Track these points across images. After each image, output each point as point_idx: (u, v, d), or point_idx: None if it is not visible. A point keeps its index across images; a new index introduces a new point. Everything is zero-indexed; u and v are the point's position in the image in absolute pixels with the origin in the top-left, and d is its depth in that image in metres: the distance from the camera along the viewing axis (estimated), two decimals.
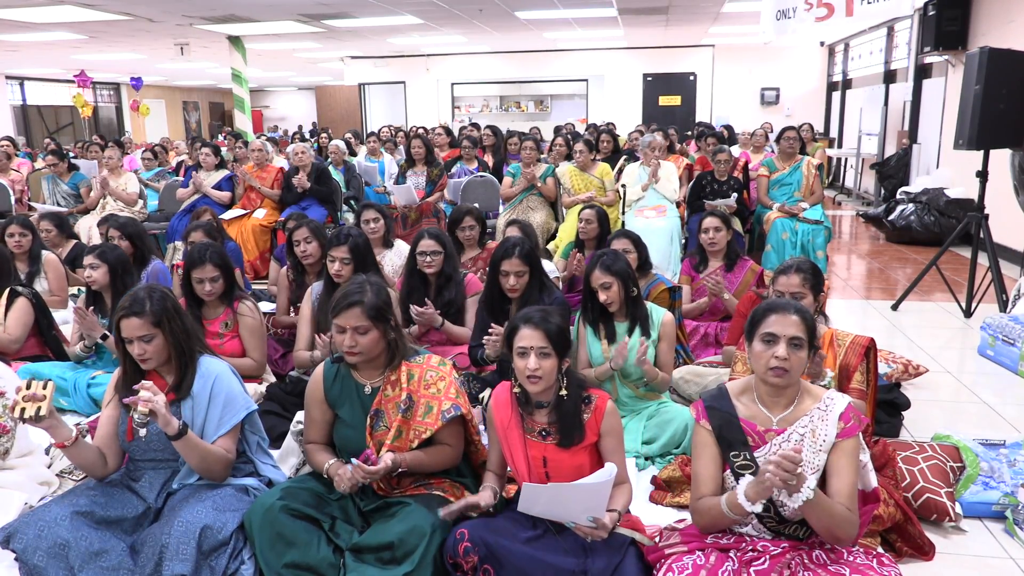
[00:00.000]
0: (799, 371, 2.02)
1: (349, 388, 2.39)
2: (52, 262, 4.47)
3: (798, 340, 1.99)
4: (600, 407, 2.23)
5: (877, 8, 6.11)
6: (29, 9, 8.83)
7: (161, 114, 22.50)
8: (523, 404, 2.27)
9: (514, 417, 2.26)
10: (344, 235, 3.56)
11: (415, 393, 2.32)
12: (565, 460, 2.20)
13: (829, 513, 1.88)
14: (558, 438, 2.21)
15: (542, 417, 2.25)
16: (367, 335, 2.28)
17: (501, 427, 2.27)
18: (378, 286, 2.37)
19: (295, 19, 10.44)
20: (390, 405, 2.32)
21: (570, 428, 2.20)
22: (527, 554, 2.04)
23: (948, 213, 7.67)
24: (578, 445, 2.20)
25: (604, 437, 2.22)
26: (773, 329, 2.00)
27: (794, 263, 2.90)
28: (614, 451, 2.22)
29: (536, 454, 2.22)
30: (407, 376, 2.34)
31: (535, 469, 2.22)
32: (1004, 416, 3.60)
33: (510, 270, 3.31)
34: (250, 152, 6.98)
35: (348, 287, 2.34)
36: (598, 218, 4.61)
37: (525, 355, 2.18)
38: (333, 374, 2.41)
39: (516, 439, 2.25)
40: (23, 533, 2.09)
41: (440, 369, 2.37)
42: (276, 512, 2.13)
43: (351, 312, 2.26)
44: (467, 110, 17.06)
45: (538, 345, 2.16)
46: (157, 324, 2.24)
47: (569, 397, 2.22)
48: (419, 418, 2.30)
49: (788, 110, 14.98)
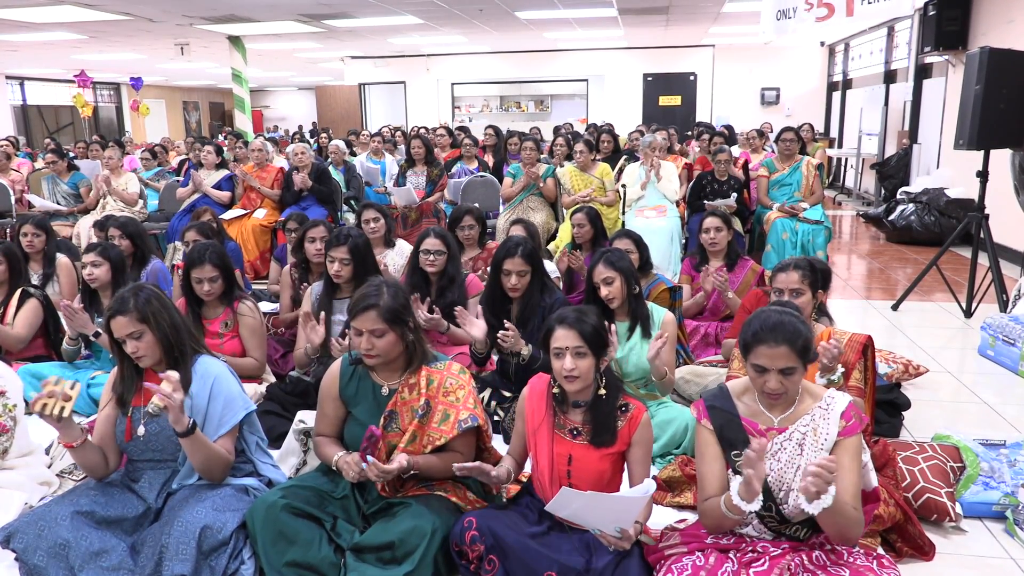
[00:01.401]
0: (795, 389, 2.01)
1: (366, 388, 2.38)
2: (65, 265, 4.48)
3: (789, 369, 1.96)
4: (636, 417, 2.22)
5: (877, 8, 6.12)
6: (29, 9, 8.83)
7: (161, 114, 22.50)
8: (559, 402, 2.27)
9: (548, 414, 2.25)
10: (344, 235, 3.53)
11: (433, 399, 2.31)
12: (590, 462, 2.19)
13: (843, 515, 1.88)
14: (588, 438, 2.21)
15: (576, 416, 2.25)
16: (384, 338, 2.27)
17: (532, 420, 2.26)
18: (395, 288, 2.35)
19: (295, 19, 10.44)
20: (405, 408, 2.31)
21: (603, 428, 2.19)
22: (533, 548, 2.05)
23: (948, 213, 7.67)
24: (607, 449, 2.19)
25: (634, 446, 2.21)
26: (761, 362, 1.97)
27: (792, 261, 2.91)
28: (641, 461, 2.21)
29: (562, 451, 2.21)
30: (426, 381, 2.32)
31: (558, 467, 2.21)
32: (1004, 416, 3.60)
33: (512, 269, 3.30)
34: (250, 152, 6.98)
35: (365, 289, 2.33)
36: (590, 220, 4.60)
37: (561, 355, 2.17)
38: (350, 373, 2.41)
39: (544, 434, 2.24)
40: (23, 533, 2.09)
41: (460, 377, 2.35)
42: (278, 511, 2.13)
43: (367, 315, 2.25)
44: (467, 110, 17.06)
45: (573, 345, 2.16)
46: (143, 320, 2.24)
47: (607, 397, 2.21)
48: (435, 424, 2.29)
49: (788, 110, 14.98)
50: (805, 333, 1.98)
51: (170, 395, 2.09)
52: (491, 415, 3.23)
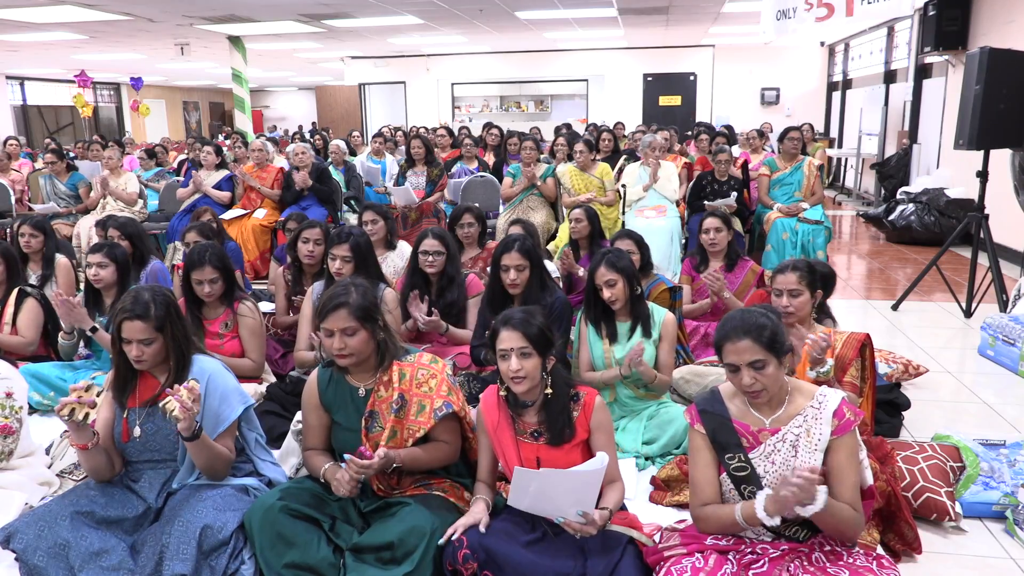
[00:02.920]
0: (776, 383, 2.00)
1: (343, 392, 2.38)
2: (63, 266, 4.48)
3: (758, 362, 1.96)
4: (588, 403, 2.24)
5: (877, 8, 6.12)
6: (29, 9, 8.83)
7: (161, 114, 22.50)
8: (512, 405, 2.27)
9: (504, 419, 2.26)
10: (345, 234, 3.57)
11: (407, 392, 2.32)
12: (558, 459, 2.19)
13: (838, 516, 1.89)
14: (549, 437, 2.22)
15: (532, 417, 2.26)
16: (355, 336, 2.27)
17: (492, 430, 2.27)
18: (364, 287, 2.35)
19: (295, 19, 10.44)
20: (384, 406, 2.32)
21: (559, 425, 2.21)
22: (526, 558, 2.04)
23: (948, 213, 7.67)
24: (569, 443, 2.21)
25: (594, 433, 2.22)
26: (731, 360, 1.99)
27: (791, 262, 2.94)
28: (605, 447, 2.22)
29: (529, 455, 2.22)
30: (399, 376, 2.33)
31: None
32: (1004, 416, 3.60)
33: (510, 264, 3.29)
34: (250, 152, 6.98)
35: (333, 290, 2.33)
36: (588, 217, 4.61)
37: (506, 357, 2.18)
38: (327, 379, 2.41)
39: (508, 441, 2.25)
40: (23, 533, 2.09)
41: (432, 367, 2.36)
42: (276, 512, 2.13)
43: (337, 314, 2.25)
44: (467, 110, 17.05)
45: (518, 346, 2.17)
46: (159, 329, 2.25)
47: (555, 395, 2.23)
48: (412, 417, 2.30)
49: (788, 110, 14.98)
50: (770, 326, 1.97)
51: (190, 407, 2.09)
52: None
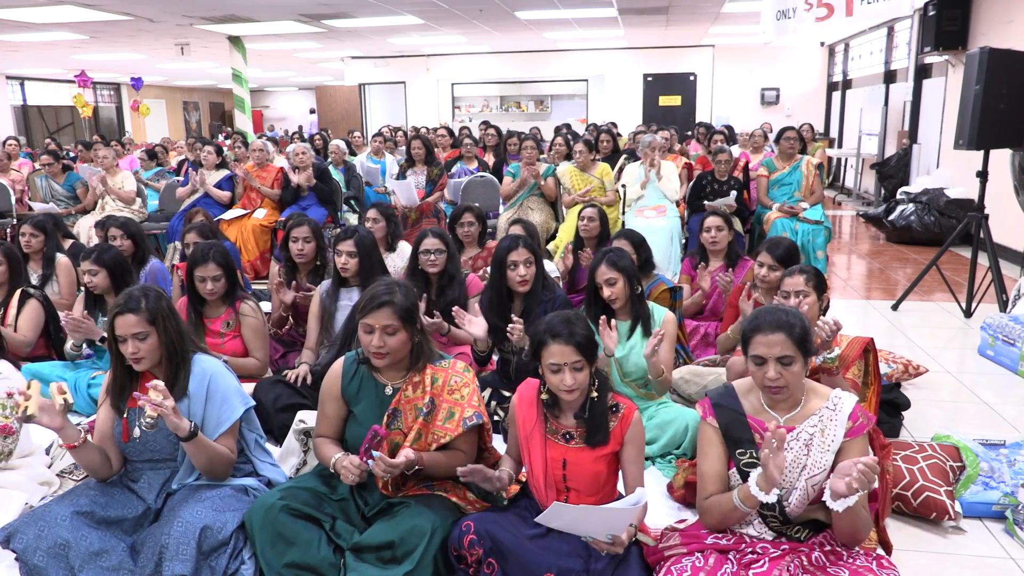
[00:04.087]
0: (798, 382, 2.02)
1: (368, 387, 2.37)
2: (64, 266, 4.48)
3: (787, 358, 1.97)
4: (627, 416, 2.22)
5: (877, 8, 6.11)
6: (29, 9, 8.83)
7: (161, 114, 22.50)
8: (549, 406, 2.25)
9: (539, 420, 2.25)
10: (351, 230, 3.65)
11: (438, 397, 2.30)
12: (585, 465, 2.19)
13: (860, 516, 1.90)
14: (582, 440, 2.20)
15: (568, 420, 2.24)
16: (395, 335, 2.25)
17: (524, 427, 2.26)
18: (407, 288, 2.34)
19: (295, 19, 10.44)
20: (409, 406, 2.31)
21: (597, 428, 2.19)
22: (531, 550, 2.05)
23: (948, 213, 7.67)
24: (601, 450, 2.19)
25: (627, 445, 2.21)
26: (759, 352, 2.00)
27: (797, 265, 3.00)
28: (634, 460, 2.21)
29: (556, 456, 2.21)
30: (431, 380, 2.32)
31: (552, 471, 2.21)
32: (1004, 416, 3.61)
33: (518, 260, 3.26)
34: (251, 152, 6.98)
35: (377, 287, 2.31)
36: (600, 217, 4.62)
37: (559, 371, 2.14)
38: (353, 371, 2.39)
39: (537, 439, 2.24)
40: (23, 533, 2.09)
41: (464, 375, 2.34)
42: (277, 512, 2.13)
43: (381, 312, 2.23)
44: (467, 110, 17.05)
45: (571, 360, 2.13)
46: (152, 322, 2.23)
47: (600, 398, 2.21)
48: (439, 423, 2.29)
49: (788, 110, 14.97)
50: (803, 325, 2.01)
51: (160, 403, 2.08)
52: (491, 415, 3.23)
